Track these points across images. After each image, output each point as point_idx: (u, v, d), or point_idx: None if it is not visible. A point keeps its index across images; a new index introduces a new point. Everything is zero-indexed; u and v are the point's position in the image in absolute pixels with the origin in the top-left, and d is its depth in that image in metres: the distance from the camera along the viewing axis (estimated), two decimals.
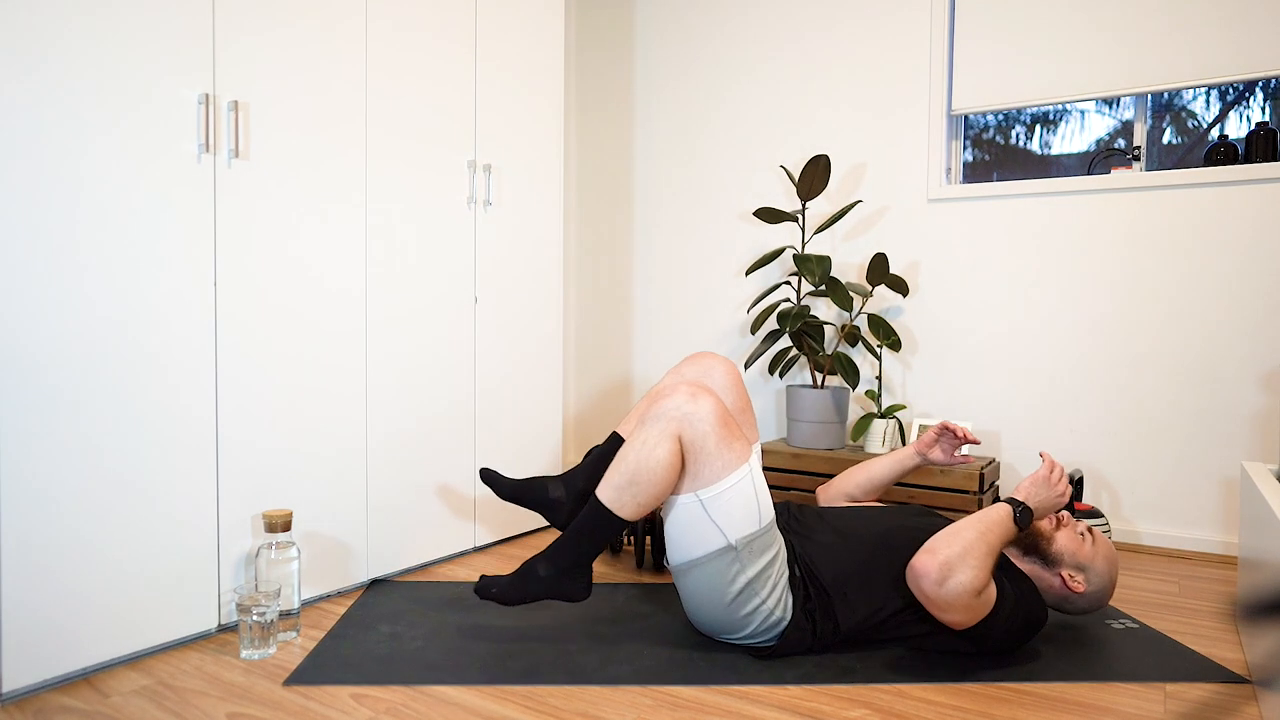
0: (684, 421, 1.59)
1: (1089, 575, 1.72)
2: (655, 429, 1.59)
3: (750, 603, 1.62)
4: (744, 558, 1.60)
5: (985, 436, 2.82)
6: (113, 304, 1.56)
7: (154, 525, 1.64)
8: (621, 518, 1.61)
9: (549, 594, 1.66)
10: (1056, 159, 2.85)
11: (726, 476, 1.60)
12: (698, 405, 1.60)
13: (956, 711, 1.46)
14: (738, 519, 1.60)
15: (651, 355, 3.52)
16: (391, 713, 1.44)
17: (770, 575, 1.63)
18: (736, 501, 1.60)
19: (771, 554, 1.63)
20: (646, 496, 1.59)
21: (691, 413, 1.59)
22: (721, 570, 1.61)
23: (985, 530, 1.55)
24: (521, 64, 2.51)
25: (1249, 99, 2.57)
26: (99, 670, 1.58)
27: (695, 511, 1.60)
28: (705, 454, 1.59)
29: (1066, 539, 1.73)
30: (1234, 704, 1.51)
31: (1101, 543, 1.75)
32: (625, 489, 1.59)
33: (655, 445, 1.58)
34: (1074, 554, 1.72)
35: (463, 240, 2.32)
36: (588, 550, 1.66)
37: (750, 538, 1.60)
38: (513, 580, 1.66)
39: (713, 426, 1.59)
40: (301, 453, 1.92)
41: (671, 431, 1.58)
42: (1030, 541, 1.74)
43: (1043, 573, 1.73)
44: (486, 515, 2.44)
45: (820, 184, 2.77)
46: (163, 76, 1.62)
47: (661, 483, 1.58)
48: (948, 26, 2.84)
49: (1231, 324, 2.46)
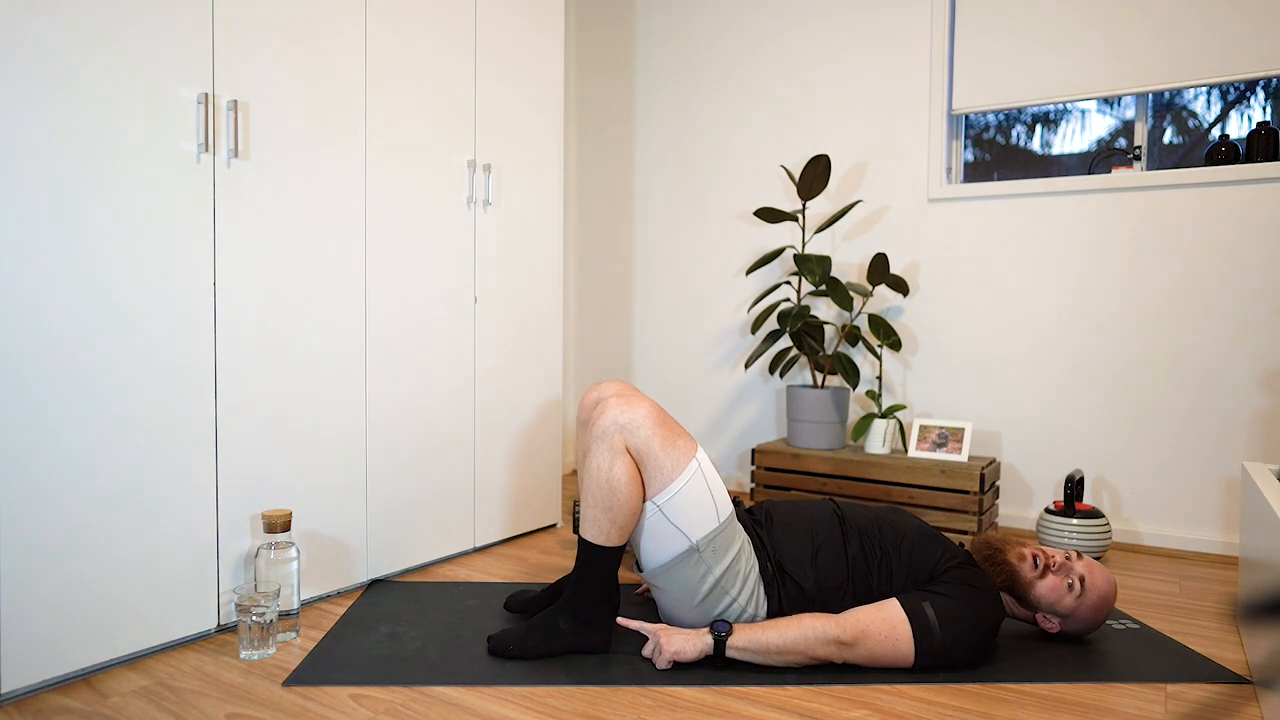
0: (624, 432, 1.59)
1: (1066, 621, 1.68)
2: (603, 450, 1.60)
3: (721, 601, 1.62)
4: (708, 558, 1.61)
5: (985, 436, 2.82)
6: (112, 303, 1.56)
7: (153, 525, 1.64)
8: (612, 547, 1.62)
9: (570, 649, 1.66)
10: (1057, 159, 2.85)
11: (677, 477, 1.60)
12: (633, 412, 1.61)
13: (956, 711, 1.45)
14: (696, 518, 1.60)
15: (651, 355, 3.52)
16: (391, 713, 1.44)
17: (739, 570, 1.63)
18: (691, 499, 1.60)
19: (735, 549, 1.63)
20: (624, 517, 1.59)
21: (629, 422, 1.60)
22: (689, 572, 1.61)
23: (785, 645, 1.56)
24: (522, 63, 2.51)
25: (1250, 98, 2.57)
26: (98, 671, 1.58)
27: (655, 519, 1.61)
28: (653, 458, 1.60)
29: (1047, 590, 1.64)
30: (1235, 704, 1.50)
31: (1092, 595, 1.64)
32: (603, 519, 1.60)
33: (610, 466, 1.58)
34: (1052, 605, 1.66)
35: (463, 240, 2.32)
36: (599, 594, 1.65)
37: (711, 535, 1.61)
38: (531, 634, 1.65)
39: (653, 430, 1.60)
40: (301, 453, 1.91)
41: (618, 446, 1.59)
42: (1008, 583, 1.67)
43: (1015, 608, 1.70)
44: (486, 515, 2.44)
45: (820, 184, 2.76)
46: (162, 76, 1.61)
47: (631, 499, 1.59)
48: (948, 26, 2.84)
49: (1232, 324, 2.46)
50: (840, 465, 2.69)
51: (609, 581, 1.66)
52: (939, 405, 2.89)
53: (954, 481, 2.52)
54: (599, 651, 1.67)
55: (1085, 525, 2.36)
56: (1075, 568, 1.65)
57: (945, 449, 2.66)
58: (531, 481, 2.60)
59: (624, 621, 1.66)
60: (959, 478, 2.51)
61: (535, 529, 2.65)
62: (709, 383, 3.38)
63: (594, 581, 1.65)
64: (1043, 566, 1.65)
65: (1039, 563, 1.65)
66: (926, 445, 2.69)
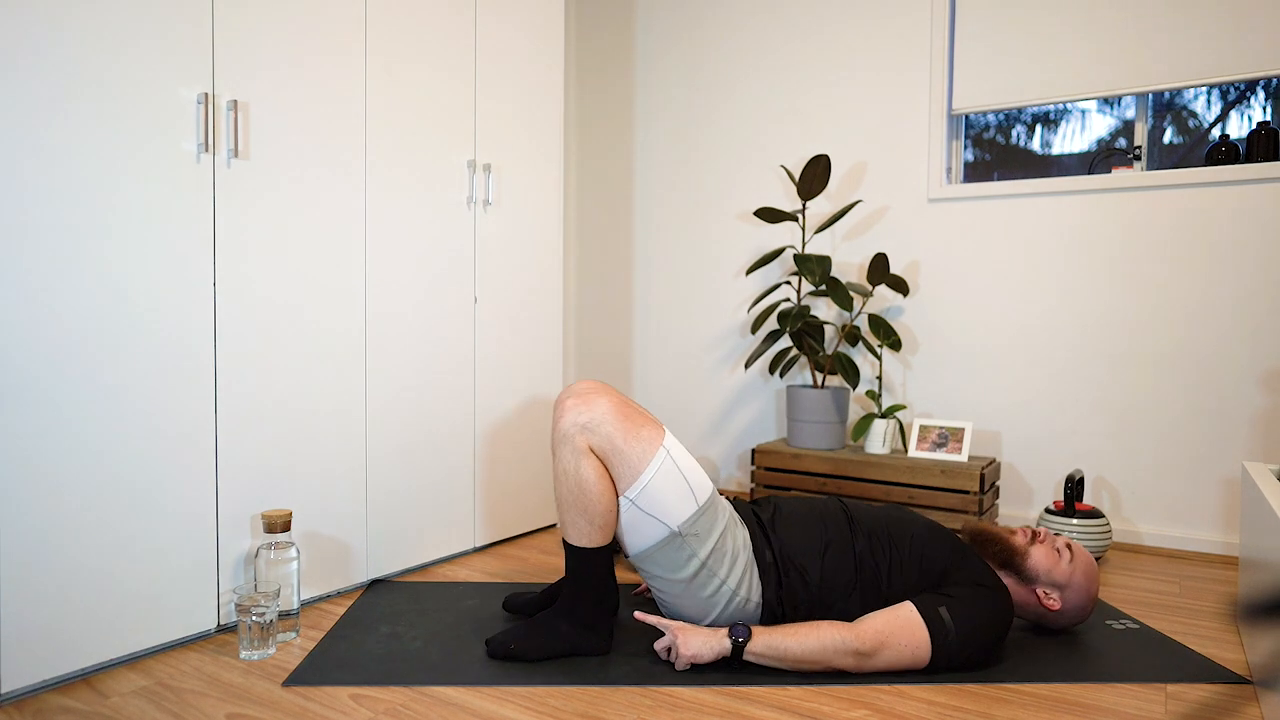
0: (585, 431, 1.59)
1: (1066, 593, 1.71)
2: (566, 453, 1.60)
3: (710, 584, 1.62)
4: (691, 542, 1.61)
5: (985, 436, 2.82)
6: (111, 304, 1.56)
7: (153, 525, 1.64)
8: (598, 548, 1.62)
9: (571, 652, 1.66)
10: (1057, 158, 2.84)
11: (645, 469, 1.60)
12: (592, 410, 1.60)
13: (956, 711, 1.45)
14: (671, 505, 1.60)
15: (651, 355, 3.52)
16: (391, 713, 1.44)
17: (725, 551, 1.62)
18: (665, 488, 1.60)
19: (720, 530, 1.63)
20: (601, 517, 1.60)
21: (588, 421, 1.59)
22: (672, 556, 1.62)
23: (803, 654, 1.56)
24: (522, 63, 2.51)
25: (1250, 98, 2.57)
26: (98, 671, 1.58)
27: (631, 512, 1.61)
28: (617, 453, 1.59)
29: (1042, 555, 1.71)
30: (1235, 705, 1.50)
31: (1081, 559, 1.73)
32: (581, 521, 1.60)
33: (576, 468, 1.59)
34: (1049, 571, 1.70)
35: (463, 240, 2.32)
36: (595, 595, 1.65)
37: (692, 519, 1.60)
38: (532, 634, 1.65)
39: (614, 425, 1.60)
40: (301, 453, 1.91)
41: (581, 447, 1.59)
42: (1005, 556, 1.72)
43: (1018, 588, 1.72)
44: (486, 515, 2.44)
45: (820, 184, 2.76)
46: (162, 76, 1.62)
47: (604, 497, 1.59)
48: (948, 26, 2.84)
49: (1232, 324, 2.46)
50: (840, 465, 2.69)
51: (603, 582, 1.66)
52: (939, 405, 2.89)
53: (954, 481, 2.52)
54: (600, 654, 1.67)
55: (1085, 525, 2.36)
56: (1059, 539, 1.76)
57: (945, 449, 2.66)
58: (531, 481, 2.60)
59: (641, 616, 1.64)
60: (959, 478, 2.51)
61: (535, 529, 2.65)
62: (709, 383, 3.38)
63: (588, 584, 1.65)
64: (1031, 535, 1.75)
65: (1028, 534, 1.76)
66: (926, 445, 2.69)
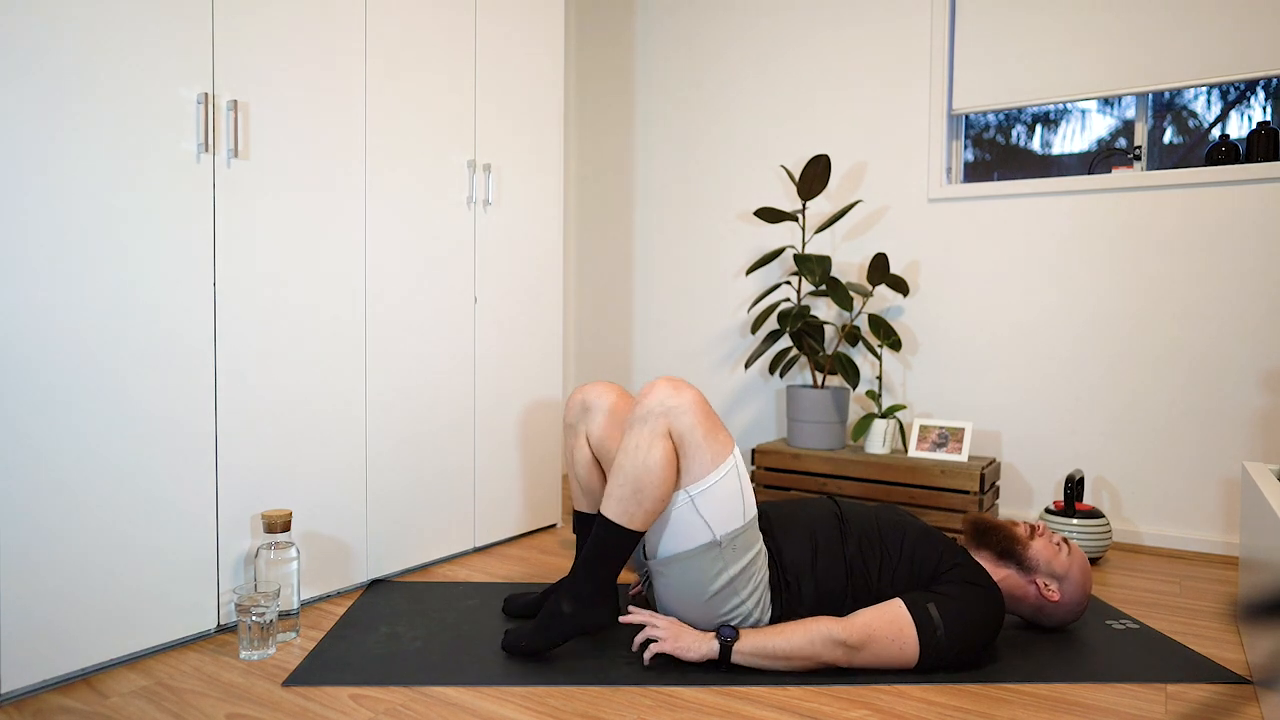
0: (670, 415, 1.55)
1: (1064, 585, 1.73)
2: (645, 430, 1.56)
3: (729, 601, 1.61)
4: (728, 555, 1.59)
5: (985, 436, 2.82)
6: (111, 303, 1.56)
7: (153, 525, 1.64)
8: (634, 530, 1.56)
9: (578, 631, 1.61)
10: (1057, 158, 2.84)
11: (714, 470, 1.58)
12: (681, 397, 1.57)
13: (956, 712, 1.45)
14: (724, 514, 1.58)
15: (651, 355, 3.52)
16: (391, 713, 1.44)
17: (752, 574, 1.61)
18: (723, 495, 1.58)
19: (754, 551, 1.62)
20: (653, 502, 1.55)
21: (675, 405, 1.56)
22: (705, 566, 1.59)
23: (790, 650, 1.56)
24: (521, 63, 2.51)
25: (1250, 98, 2.57)
26: (98, 671, 1.58)
27: (684, 508, 1.58)
28: (694, 446, 1.56)
29: (1042, 547, 1.73)
30: (1235, 704, 1.50)
31: (1077, 554, 1.76)
32: (630, 499, 1.55)
33: (650, 447, 1.54)
34: (1049, 562, 1.72)
35: (463, 240, 2.32)
36: (607, 574, 1.60)
37: (735, 533, 1.59)
38: (539, 627, 1.63)
39: (698, 418, 1.57)
40: (301, 453, 1.91)
41: (661, 429, 1.55)
42: (1006, 546, 1.73)
43: (1019, 579, 1.72)
44: (486, 515, 2.44)
45: (820, 184, 2.76)
46: (162, 76, 1.61)
47: (664, 484, 1.55)
48: (948, 26, 2.84)
49: (1232, 324, 2.46)
50: (840, 465, 2.69)
51: (621, 563, 1.60)
52: (939, 405, 2.89)
53: (954, 481, 2.52)
54: (606, 626, 1.62)
55: (1085, 525, 2.36)
56: (1057, 535, 1.79)
57: (945, 449, 2.66)
58: (531, 482, 2.60)
59: (634, 610, 1.63)
60: (959, 478, 2.51)
61: (535, 529, 2.65)
62: (709, 382, 3.38)
63: (605, 561, 1.58)
64: (1031, 528, 1.78)
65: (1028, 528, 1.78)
66: (926, 445, 2.69)
